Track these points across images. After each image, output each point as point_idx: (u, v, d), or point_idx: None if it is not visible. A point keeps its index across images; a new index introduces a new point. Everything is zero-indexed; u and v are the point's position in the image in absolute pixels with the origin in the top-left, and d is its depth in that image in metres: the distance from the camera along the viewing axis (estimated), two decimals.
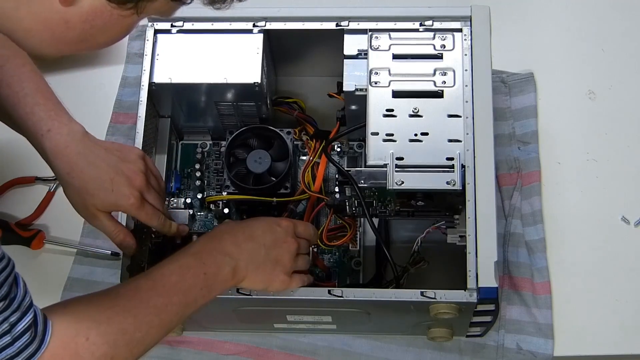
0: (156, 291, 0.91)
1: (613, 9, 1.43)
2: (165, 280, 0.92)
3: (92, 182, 1.02)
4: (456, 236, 1.11)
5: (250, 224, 1.05)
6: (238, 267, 0.99)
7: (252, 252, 1.01)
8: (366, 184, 1.09)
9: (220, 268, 0.97)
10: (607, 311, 1.22)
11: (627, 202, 1.29)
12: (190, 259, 0.96)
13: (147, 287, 0.91)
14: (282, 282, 1.03)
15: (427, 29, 1.13)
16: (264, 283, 1.02)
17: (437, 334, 1.15)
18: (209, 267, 0.96)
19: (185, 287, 0.93)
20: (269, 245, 1.02)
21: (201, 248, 0.99)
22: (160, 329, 0.91)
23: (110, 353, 0.85)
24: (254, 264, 1.00)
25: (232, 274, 0.98)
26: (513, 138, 1.33)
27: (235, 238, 1.01)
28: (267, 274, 1.02)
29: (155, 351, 1.20)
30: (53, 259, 1.27)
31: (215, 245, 0.99)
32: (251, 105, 1.19)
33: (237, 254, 0.99)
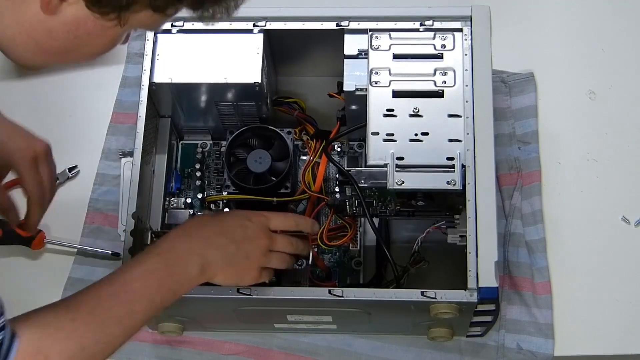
0: (119, 299, 0.88)
1: (613, 9, 1.43)
2: (128, 287, 0.89)
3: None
4: (456, 236, 1.11)
5: (221, 219, 1.02)
6: (206, 264, 0.96)
7: (221, 248, 0.98)
8: (366, 184, 1.09)
9: (188, 267, 0.95)
10: (607, 311, 1.22)
11: (627, 202, 1.29)
12: (155, 260, 0.93)
13: (109, 295, 0.88)
14: (252, 278, 1.01)
15: (427, 28, 1.13)
16: (234, 279, 1.01)
17: (438, 334, 1.15)
18: (176, 267, 0.94)
19: (150, 293, 0.91)
20: (239, 240, 0.99)
21: (168, 247, 0.96)
22: (123, 337, 0.88)
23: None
24: (224, 261, 0.98)
25: (200, 272, 0.96)
26: (513, 138, 1.33)
27: (204, 234, 0.98)
28: (237, 270, 1.00)
29: (155, 351, 1.21)
30: (53, 259, 1.27)
31: (183, 244, 0.97)
32: (251, 105, 1.19)
33: (206, 251, 0.97)
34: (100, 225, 1.29)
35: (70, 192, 1.32)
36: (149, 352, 1.21)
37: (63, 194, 1.31)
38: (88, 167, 1.33)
